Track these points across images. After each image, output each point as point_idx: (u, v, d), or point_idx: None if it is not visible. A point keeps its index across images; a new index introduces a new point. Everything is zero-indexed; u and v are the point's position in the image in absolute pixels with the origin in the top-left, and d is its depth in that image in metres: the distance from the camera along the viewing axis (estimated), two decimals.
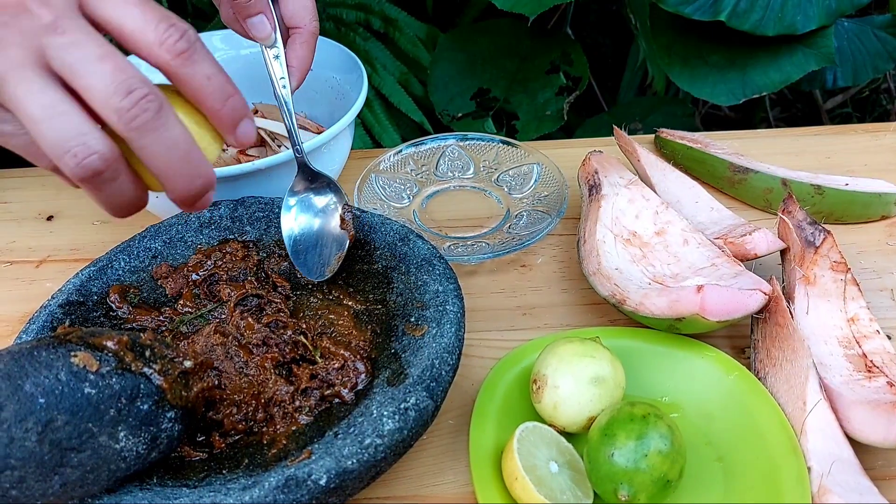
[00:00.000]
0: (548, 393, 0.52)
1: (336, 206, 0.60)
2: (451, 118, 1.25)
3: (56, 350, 0.43)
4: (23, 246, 0.75)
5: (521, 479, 0.47)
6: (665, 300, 0.55)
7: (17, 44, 0.37)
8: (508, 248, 0.67)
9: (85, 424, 0.42)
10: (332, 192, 0.61)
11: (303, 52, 0.59)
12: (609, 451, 0.46)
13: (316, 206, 0.61)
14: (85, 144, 0.37)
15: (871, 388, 0.53)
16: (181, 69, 0.39)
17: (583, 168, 0.71)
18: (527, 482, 0.46)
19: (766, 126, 1.64)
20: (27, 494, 0.41)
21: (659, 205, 0.66)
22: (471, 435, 0.52)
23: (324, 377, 0.53)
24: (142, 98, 0.37)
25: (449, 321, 0.52)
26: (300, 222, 0.60)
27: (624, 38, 1.60)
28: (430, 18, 1.42)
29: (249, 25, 0.58)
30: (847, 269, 0.59)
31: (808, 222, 0.61)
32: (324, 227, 0.60)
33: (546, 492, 0.46)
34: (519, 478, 0.47)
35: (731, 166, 0.74)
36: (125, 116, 0.37)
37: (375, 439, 0.44)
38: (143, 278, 0.60)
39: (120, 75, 0.37)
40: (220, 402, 0.51)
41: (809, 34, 1.06)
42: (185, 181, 0.40)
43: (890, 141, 0.84)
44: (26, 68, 0.37)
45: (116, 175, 0.39)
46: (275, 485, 0.42)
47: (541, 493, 0.46)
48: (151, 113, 0.38)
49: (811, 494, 0.48)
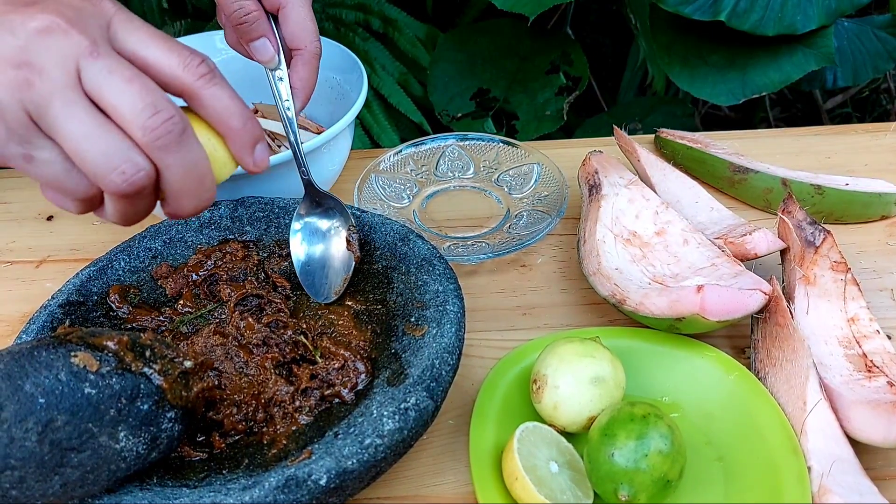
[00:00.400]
0: (548, 393, 0.52)
1: (342, 227, 0.60)
2: (450, 118, 1.25)
3: (56, 350, 0.43)
4: (23, 246, 0.75)
5: (522, 479, 0.47)
6: (665, 300, 0.55)
7: (59, 66, 0.39)
8: (508, 248, 0.67)
9: (85, 424, 0.42)
10: (338, 213, 0.60)
11: (305, 72, 0.60)
12: (609, 450, 0.46)
13: (322, 228, 0.61)
14: (132, 162, 0.40)
15: (871, 388, 0.53)
16: (203, 90, 0.41)
17: (583, 168, 0.71)
18: (527, 482, 0.46)
19: (766, 126, 1.64)
20: (27, 494, 0.41)
21: (659, 205, 0.66)
22: (471, 435, 0.52)
23: (324, 377, 0.53)
24: (168, 118, 0.40)
25: (449, 321, 0.52)
26: (307, 246, 0.61)
27: (624, 38, 1.60)
28: (430, 18, 1.42)
29: (252, 49, 0.59)
30: (847, 269, 0.59)
31: (808, 222, 0.61)
32: (330, 250, 0.60)
33: (546, 492, 0.46)
34: (519, 478, 0.47)
35: (731, 166, 0.74)
36: (152, 134, 0.39)
37: (375, 439, 0.44)
38: (143, 278, 0.60)
39: (148, 96, 0.40)
40: (220, 403, 0.51)
41: (809, 34, 1.06)
42: (193, 202, 0.43)
43: (890, 141, 0.84)
44: (69, 90, 0.39)
45: (152, 191, 0.42)
46: (275, 485, 0.42)
47: (541, 493, 0.46)
48: (176, 134, 0.40)
49: (811, 494, 0.48)
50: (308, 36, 0.59)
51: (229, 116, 0.43)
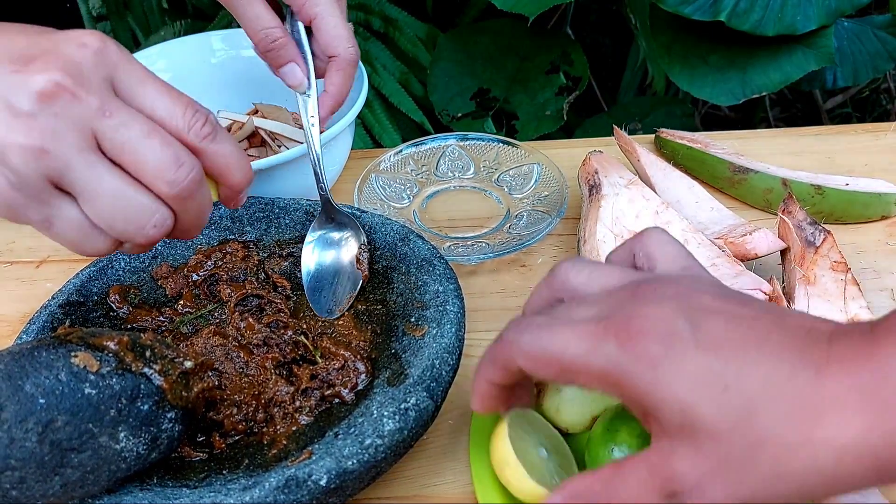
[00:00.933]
0: (550, 395, 0.51)
1: (354, 245, 0.60)
2: (450, 118, 1.25)
3: (56, 350, 0.43)
4: (23, 246, 0.75)
5: (514, 465, 0.46)
6: None
7: (73, 129, 0.39)
8: (508, 248, 0.67)
9: (85, 425, 0.42)
10: (352, 230, 0.60)
11: (338, 79, 0.61)
12: (610, 446, 0.46)
13: (334, 244, 0.61)
14: (163, 215, 0.42)
15: None
16: (208, 148, 0.43)
17: (583, 168, 0.71)
18: (519, 468, 0.46)
19: (766, 126, 1.64)
20: (27, 495, 0.41)
21: (659, 205, 0.66)
22: (471, 435, 0.52)
23: (324, 377, 0.53)
24: (191, 169, 0.41)
25: (449, 321, 0.52)
26: (318, 259, 0.60)
27: (624, 38, 1.60)
28: (430, 18, 1.42)
29: (281, 75, 0.62)
30: (847, 269, 0.59)
31: (808, 222, 0.61)
32: (340, 266, 0.60)
33: (538, 477, 0.46)
34: (511, 463, 0.46)
35: (731, 166, 0.74)
36: (178, 187, 0.41)
37: (376, 439, 0.44)
38: (143, 278, 0.60)
39: (168, 149, 0.41)
40: (220, 403, 0.51)
41: (809, 34, 1.06)
42: (198, 231, 0.45)
43: (890, 141, 0.84)
44: (87, 151, 0.39)
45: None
46: (275, 485, 0.42)
47: (533, 478, 0.46)
48: (196, 183, 0.42)
49: None
50: (341, 43, 0.61)
51: (229, 171, 0.44)
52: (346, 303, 0.58)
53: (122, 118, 0.40)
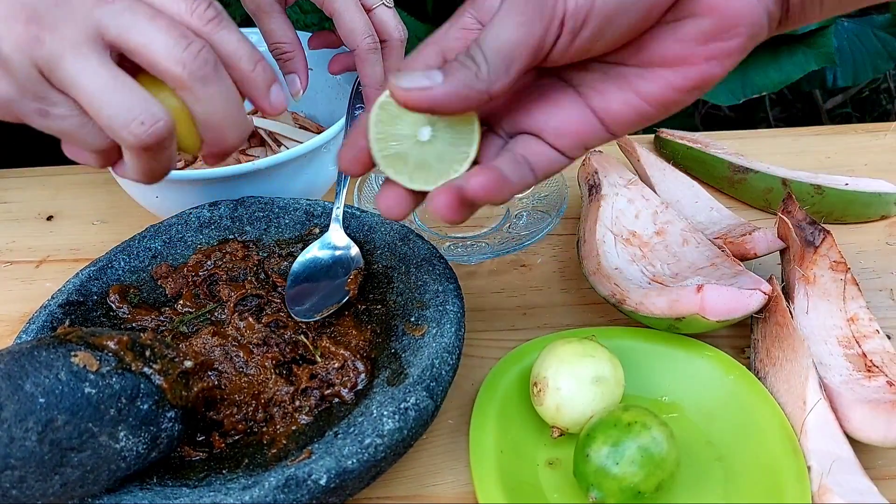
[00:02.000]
0: (549, 395, 0.51)
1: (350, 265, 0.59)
2: None
3: (56, 350, 0.43)
4: (23, 246, 0.75)
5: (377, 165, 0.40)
6: (665, 300, 0.55)
7: (71, 21, 0.38)
8: (508, 248, 0.67)
9: (85, 424, 0.42)
10: (354, 252, 0.60)
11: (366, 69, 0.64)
12: (586, 450, 0.47)
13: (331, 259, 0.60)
14: (151, 112, 0.39)
15: (871, 387, 0.53)
16: (213, 34, 0.41)
17: (583, 168, 0.71)
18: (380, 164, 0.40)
19: (766, 126, 1.64)
20: (27, 494, 0.41)
21: (659, 205, 0.66)
22: (471, 435, 0.52)
23: (324, 377, 0.53)
24: (201, 49, 0.39)
25: (449, 321, 0.52)
26: (312, 265, 0.60)
27: None
28: (430, 18, 1.42)
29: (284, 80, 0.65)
30: (847, 268, 0.60)
31: (808, 222, 0.61)
32: (331, 280, 0.59)
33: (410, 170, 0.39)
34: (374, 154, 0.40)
35: (731, 166, 0.74)
36: (190, 66, 0.39)
37: (375, 439, 0.44)
38: (143, 278, 0.60)
39: (175, 30, 0.39)
40: (220, 402, 0.52)
41: (809, 34, 1.06)
42: (237, 131, 0.42)
43: (890, 141, 0.84)
44: (82, 45, 0.38)
45: (172, 141, 0.41)
46: (275, 484, 0.42)
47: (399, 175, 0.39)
48: (212, 63, 0.40)
49: (811, 494, 0.48)
50: (357, 37, 0.63)
51: (241, 58, 0.42)
52: (326, 312, 0.57)
53: (125, 3, 0.39)
